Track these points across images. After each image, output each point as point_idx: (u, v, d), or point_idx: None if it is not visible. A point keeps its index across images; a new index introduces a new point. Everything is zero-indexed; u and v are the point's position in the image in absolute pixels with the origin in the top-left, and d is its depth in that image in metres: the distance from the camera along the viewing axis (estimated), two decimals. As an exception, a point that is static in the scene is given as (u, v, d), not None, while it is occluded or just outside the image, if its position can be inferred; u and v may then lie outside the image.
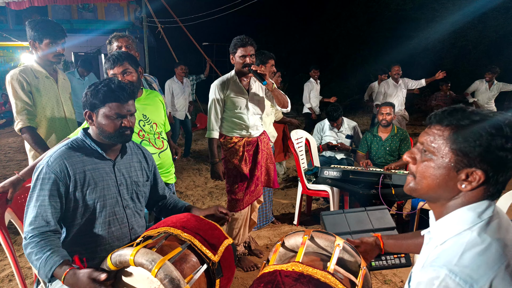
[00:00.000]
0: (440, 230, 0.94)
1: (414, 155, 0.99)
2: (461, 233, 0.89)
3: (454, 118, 0.90)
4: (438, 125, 0.93)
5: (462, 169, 0.89)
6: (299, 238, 1.34)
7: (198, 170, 6.02)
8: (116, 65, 2.04)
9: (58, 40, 2.41)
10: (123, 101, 1.56)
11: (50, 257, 1.36)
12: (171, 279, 1.23)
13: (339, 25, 14.62)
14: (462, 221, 0.90)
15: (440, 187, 0.93)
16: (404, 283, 2.68)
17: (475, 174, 0.88)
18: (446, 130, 0.91)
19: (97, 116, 1.56)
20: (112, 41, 2.55)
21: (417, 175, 0.97)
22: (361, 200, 3.40)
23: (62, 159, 1.50)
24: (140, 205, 1.74)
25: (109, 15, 13.81)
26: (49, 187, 1.46)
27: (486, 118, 0.88)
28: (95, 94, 1.54)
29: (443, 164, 0.91)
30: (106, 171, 1.60)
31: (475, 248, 0.84)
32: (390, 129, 3.86)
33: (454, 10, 11.37)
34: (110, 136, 1.58)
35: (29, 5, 5.77)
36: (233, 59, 2.70)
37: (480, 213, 0.89)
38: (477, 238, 0.86)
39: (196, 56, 10.78)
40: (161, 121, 2.35)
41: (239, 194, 2.79)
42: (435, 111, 0.97)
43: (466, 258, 0.83)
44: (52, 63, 2.51)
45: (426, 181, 0.94)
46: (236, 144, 2.73)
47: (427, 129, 0.97)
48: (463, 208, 0.92)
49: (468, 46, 12.40)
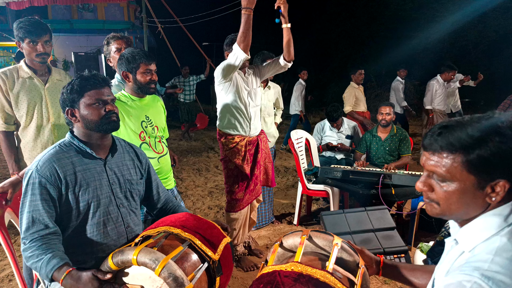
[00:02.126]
0: (467, 236, 0.93)
1: (429, 183, 0.96)
2: (489, 238, 0.88)
3: (457, 140, 0.89)
4: (445, 152, 0.91)
5: (486, 185, 0.88)
6: (297, 238, 1.35)
7: (198, 170, 6.03)
8: (154, 61, 2.12)
9: (38, 38, 2.26)
10: (99, 86, 1.56)
11: (51, 259, 1.36)
12: (175, 277, 1.24)
13: (339, 25, 14.62)
14: (489, 226, 0.90)
15: (469, 206, 0.91)
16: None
17: (499, 185, 0.87)
18: (455, 155, 0.89)
19: (79, 110, 1.55)
20: (110, 42, 2.49)
21: (441, 202, 0.94)
22: (361, 200, 3.40)
23: (51, 162, 1.48)
24: (135, 203, 1.72)
25: (109, 15, 13.82)
26: (39, 191, 1.45)
27: (486, 128, 0.87)
28: (71, 89, 1.54)
29: (466, 187, 0.89)
30: (97, 171, 1.58)
31: (506, 253, 0.83)
32: (390, 129, 3.86)
33: (454, 10, 11.37)
34: (97, 125, 1.55)
35: (29, 5, 5.77)
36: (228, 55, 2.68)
37: (506, 217, 0.89)
38: (508, 244, 0.85)
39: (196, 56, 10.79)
40: (162, 125, 2.32)
41: (239, 194, 2.79)
42: (428, 135, 0.95)
43: (498, 264, 0.82)
44: (39, 62, 2.36)
45: (454, 206, 0.93)
46: (238, 144, 2.72)
47: (430, 155, 0.94)
48: (487, 213, 0.91)
49: (468, 46, 12.40)
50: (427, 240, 2.86)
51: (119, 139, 1.77)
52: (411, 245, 3.09)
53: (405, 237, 3.13)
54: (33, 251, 1.39)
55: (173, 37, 9.64)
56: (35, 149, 2.41)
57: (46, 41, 2.30)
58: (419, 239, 3.11)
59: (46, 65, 2.46)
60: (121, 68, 2.11)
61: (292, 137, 3.85)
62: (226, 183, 2.85)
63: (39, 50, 2.29)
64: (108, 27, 12.98)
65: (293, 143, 3.81)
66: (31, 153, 2.41)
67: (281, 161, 6.63)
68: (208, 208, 4.35)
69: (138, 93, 2.17)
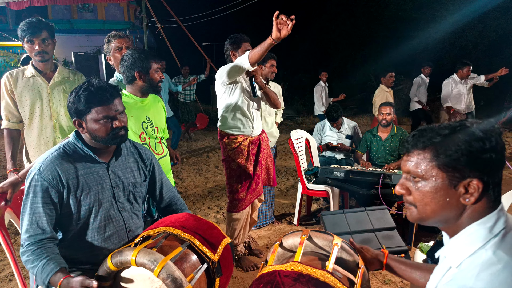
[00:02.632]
0: (454, 250, 0.92)
1: (406, 186, 0.97)
2: (475, 252, 0.87)
3: (427, 138, 0.91)
4: (416, 150, 0.93)
5: (458, 183, 0.88)
6: (297, 238, 1.35)
7: (198, 170, 6.02)
8: (160, 60, 2.17)
9: (33, 37, 2.27)
10: (107, 102, 1.50)
11: (46, 265, 1.36)
12: (174, 278, 1.23)
13: (339, 25, 14.62)
14: (474, 238, 0.88)
15: (445, 208, 0.91)
16: (404, 283, 2.68)
17: (472, 184, 0.87)
18: (426, 152, 0.91)
19: (86, 123, 1.51)
20: (110, 40, 2.47)
21: (417, 204, 0.95)
22: (361, 200, 3.40)
23: (54, 165, 1.47)
24: (138, 206, 1.72)
25: (109, 15, 13.83)
26: (41, 194, 1.45)
27: (455, 128, 0.89)
28: (77, 100, 1.48)
29: (438, 185, 0.90)
30: (100, 175, 1.57)
31: (491, 269, 0.82)
32: (390, 129, 3.86)
33: (454, 10, 11.37)
34: (104, 140, 1.53)
35: (29, 5, 5.78)
36: (235, 55, 2.69)
37: (491, 228, 0.88)
38: (493, 257, 0.83)
39: (196, 56, 10.79)
40: (162, 126, 2.32)
41: (241, 194, 2.80)
42: (406, 138, 0.97)
43: (483, 279, 0.80)
44: (39, 61, 2.38)
45: (429, 207, 0.93)
46: (241, 144, 2.73)
47: (405, 157, 0.97)
48: (473, 224, 0.90)
49: (468, 46, 12.40)
50: (427, 240, 2.86)
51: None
52: (411, 245, 3.09)
53: (405, 237, 3.13)
54: (29, 256, 1.40)
55: (173, 37, 9.65)
56: (38, 146, 2.46)
57: (44, 39, 2.31)
58: (419, 239, 3.11)
59: (54, 63, 2.50)
60: (133, 68, 2.09)
61: (292, 137, 3.84)
62: (228, 183, 2.85)
63: (36, 49, 2.30)
64: (108, 27, 12.98)
65: (293, 143, 3.81)
66: (35, 151, 2.47)
67: (281, 161, 6.63)
68: (208, 208, 4.35)
69: (142, 94, 2.17)
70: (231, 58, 2.71)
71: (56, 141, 2.46)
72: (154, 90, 2.19)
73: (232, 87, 2.66)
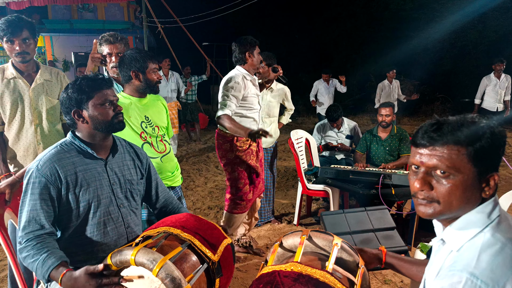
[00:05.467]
0: (454, 236, 0.96)
1: (428, 181, 0.95)
2: (475, 236, 0.92)
3: (462, 134, 0.91)
4: (451, 145, 0.91)
5: (485, 177, 0.92)
6: (297, 238, 1.34)
7: (198, 170, 6.02)
8: (157, 61, 2.19)
9: (13, 37, 2.12)
10: (106, 87, 1.58)
11: (47, 259, 1.36)
12: (172, 278, 1.23)
13: (339, 25, 14.60)
14: (473, 224, 0.93)
15: (469, 201, 0.93)
16: (404, 283, 2.68)
17: (493, 178, 0.92)
18: (462, 148, 0.91)
19: (87, 110, 1.55)
20: (102, 44, 2.42)
21: (443, 199, 0.93)
22: (361, 200, 3.40)
23: (52, 162, 1.49)
24: (136, 204, 1.72)
25: (109, 15, 13.80)
26: (39, 191, 1.45)
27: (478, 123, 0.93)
28: (78, 90, 1.53)
29: (469, 180, 0.91)
30: (98, 171, 1.58)
31: (491, 249, 0.87)
32: (390, 129, 3.86)
33: (454, 10, 11.35)
34: (108, 125, 1.57)
35: (29, 5, 5.79)
36: (251, 56, 2.73)
37: (488, 214, 0.93)
38: (491, 239, 0.89)
39: (196, 56, 10.78)
40: (164, 125, 2.32)
41: (249, 194, 2.83)
42: (423, 132, 0.95)
43: (484, 260, 0.85)
44: (20, 62, 2.24)
45: (456, 201, 0.93)
46: (251, 145, 2.79)
47: (431, 151, 0.94)
48: (472, 211, 0.94)
49: (468, 46, 12.39)
50: (427, 240, 2.85)
51: (119, 139, 1.77)
52: (411, 245, 3.09)
53: (405, 237, 3.14)
54: (28, 251, 1.39)
55: (173, 37, 9.64)
56: (17, 150, 2.33)
57: (25, 39, 2.16)
58: (419, 239, 3.11)
59: (35, 63, 2.35)
60: (129, 68, 2.11)
61: (292, 137, 3.85)
62: (234, 185, 2.82)
63: (16, 49, 2.16)
64: (108, 27, 12.95)
65: (293, 143, 3.81)
66: (13, 154, 2.34)
67: (281, 161, 6.63)
68: (208, 208, 4.35)
69: (140, 93, 2.18)
70: (246, 58, 2.76)
71: (37, 146, 2.34)
72: (152, 90, 2.20)
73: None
